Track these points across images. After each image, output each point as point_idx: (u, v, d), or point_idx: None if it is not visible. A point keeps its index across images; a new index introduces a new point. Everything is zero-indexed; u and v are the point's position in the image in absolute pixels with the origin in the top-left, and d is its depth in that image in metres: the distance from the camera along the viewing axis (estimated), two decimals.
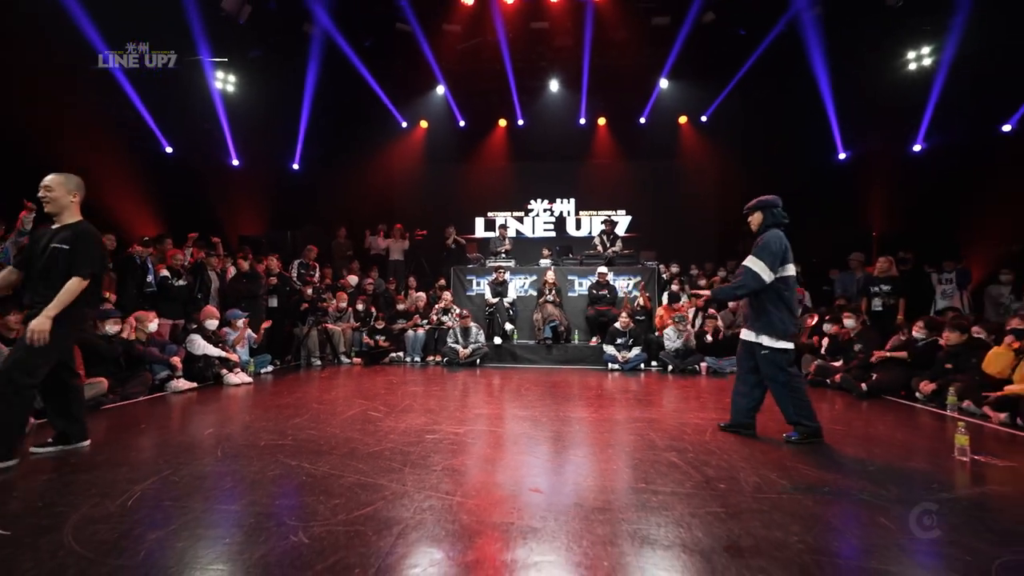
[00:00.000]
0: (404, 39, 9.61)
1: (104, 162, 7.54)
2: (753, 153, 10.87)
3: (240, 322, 6.29)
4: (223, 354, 5.77)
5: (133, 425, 3.86)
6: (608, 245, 9.24)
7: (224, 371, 5.67)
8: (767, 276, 3.30)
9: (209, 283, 6.73)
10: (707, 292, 3.65)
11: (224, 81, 9.58)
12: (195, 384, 5.39)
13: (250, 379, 5.83)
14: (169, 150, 9.50)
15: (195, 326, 5.86)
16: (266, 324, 6.60)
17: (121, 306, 5.47)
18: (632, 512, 2.30)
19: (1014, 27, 7.19)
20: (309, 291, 7.67)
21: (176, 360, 5.28)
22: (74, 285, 2.91)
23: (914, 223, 8.85)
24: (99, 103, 7.57)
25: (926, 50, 8.64)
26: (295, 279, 8.07)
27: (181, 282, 6.35)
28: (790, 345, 3.38)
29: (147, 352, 5.12)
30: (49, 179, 3.02)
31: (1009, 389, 4.17)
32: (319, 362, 7.34)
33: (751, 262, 3.36)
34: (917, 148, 8.99)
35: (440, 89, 11.10)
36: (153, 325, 5.24)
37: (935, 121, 8.63)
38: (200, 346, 5.60)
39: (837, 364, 5.85)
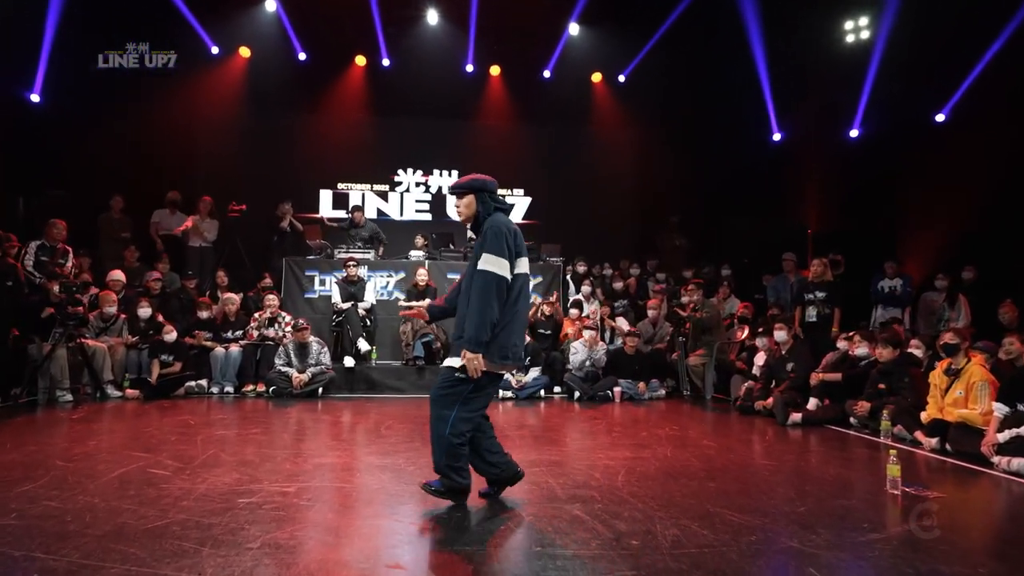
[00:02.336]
0: None
1: None
2: (679, 125, 11.81)
3: None
4: None
5: None
6: None
7: None
8: (508, 274, 3.17)
9: None
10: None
11: None
12: None
13: None
14: None
15: None
16: None
17: None
18: None
19: (949, 9, 8.65)
20: (56, 288, 6.81)
21: None
22: None
23: (850, 219, 10.23)
24: None
25: (864, 21, 10.06)
26: (30, 269, 7.12)
27: None
28: (503, 369, 3.26)
29: None
30: None
31: (936, 414, 4.98)
32: (70, 396, 6.58)
33: (487, 262, 3.13)
34: (854, 134, 10.41)
35: (270, 5, 10.51)
36: None
37: (872, 104, 10.08)
38: None
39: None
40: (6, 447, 4.50)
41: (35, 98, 9.63)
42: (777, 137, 11.30)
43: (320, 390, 7.20)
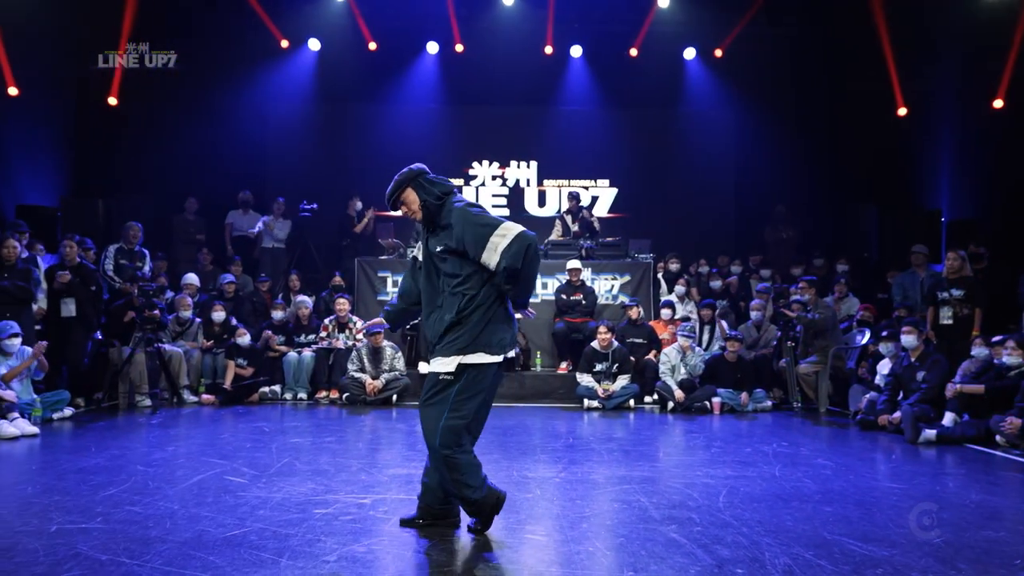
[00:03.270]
0: None
1: None
2: (784, 102, 11.37)
3: (15, 341, 5.91)
4: None
5: None
6: (577, 230, 9.38)
7: None
8: (520, 226, 3.15)
9: None
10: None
11: None
12: None
13: (35, 428, 5.53)
14: None
15: None
16: (39, 347, 6.14)
17: None
18: None
19: None
20: (135, 291, 7.37)
21: None
22: None
23: (993, 205, 9.52)
24: None
25: None
26: (110, 273, 7.73)
27: None
28: (499, 358, 3.20)
29: None
30: None
31: None
32: (148, 401, 7.07)
33: (501, 235, 3.04)
34: (998, 104, 9.68)
35: None
36: None
37: (1020, 68, 9.33)
38: None
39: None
40: (90, 451, 4.92)
41: (112, 100, 10.41)
42: (902, 112, 10.67)
43: (394, 397, 7.40)
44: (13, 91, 9.66)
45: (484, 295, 3.13)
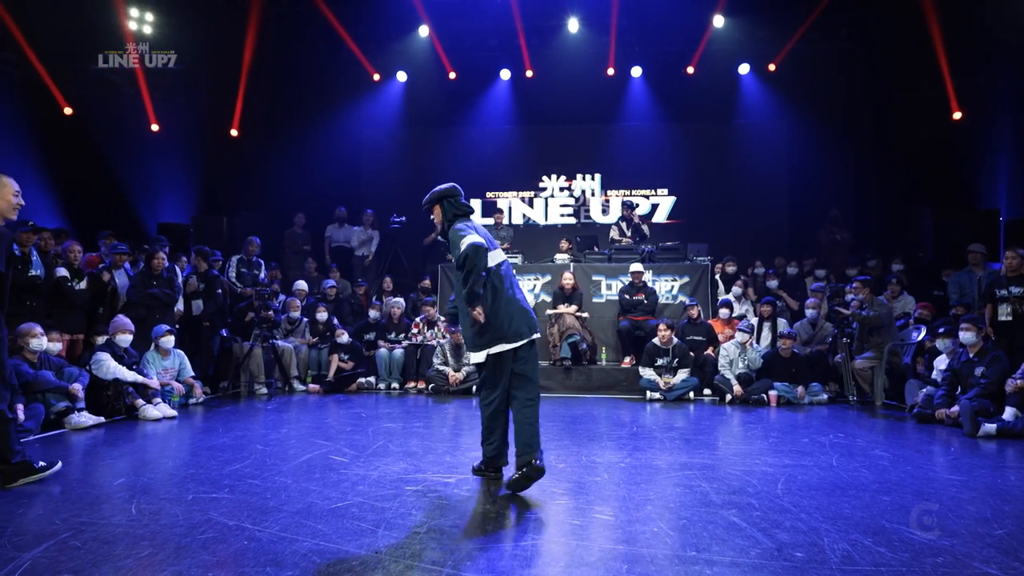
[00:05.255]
0: None
1: None
2: (837, 110, 10.90)
3: (169, 339, 6.36)
4: (139, 379, 5.81)
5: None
6: (630, 234, 9.25)
7: (140, 402, 5.71)
8: (478, 239, 3.50)
9: (113, 287, 6.76)
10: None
11: (140, 20, 9.66)
12: (102, 419, 5.44)
13: (174, 412, 5.90)
14: (68, 111, 9.58)
15: (103, 340, 5.92)
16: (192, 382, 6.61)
17: None
18: None
19: None
20: (254, 295, 7.76)
21: (76, 388, 5.31)
22: None
23: None
24: None
25: None
26: (233, 280, 8.18)
27: (82, 285, 6.39)
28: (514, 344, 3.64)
29: (39, 378, 5.15)
30: None
31: None
32: (265, 389, 7.41)
33: (465, 242, 3.48)
34: None
35: (423, 30, 11.15)
36: (39, 342, 5.26)
37: None
38: (110, 369, 5.64)
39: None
40: (218, 431, 5.21)
41: (234, 132, 11.00)
42: (957, 116, 9.99)
43: (474, 388, 7.48)
44: (155, 127, 10.37)
45: (498, 298, 3.56)
